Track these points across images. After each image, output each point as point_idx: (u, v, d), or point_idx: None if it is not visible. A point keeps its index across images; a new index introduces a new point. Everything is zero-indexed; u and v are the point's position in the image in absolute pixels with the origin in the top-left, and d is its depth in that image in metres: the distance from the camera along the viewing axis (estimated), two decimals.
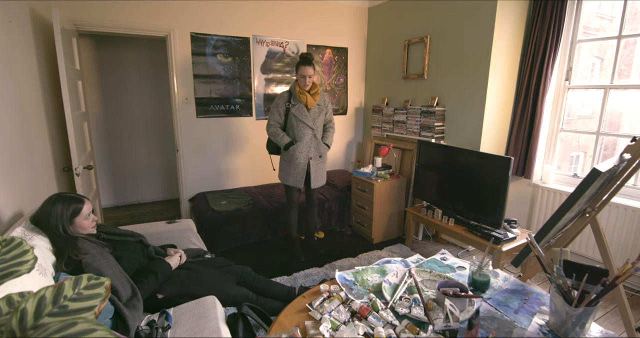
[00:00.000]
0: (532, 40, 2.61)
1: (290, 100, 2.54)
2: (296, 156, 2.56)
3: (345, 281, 1.47)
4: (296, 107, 2.51)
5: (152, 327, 1.37)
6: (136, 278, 1.56)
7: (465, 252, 3.01)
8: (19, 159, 1.73)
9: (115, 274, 1.42)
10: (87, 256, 1.39)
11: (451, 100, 2.98)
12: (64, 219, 1.44)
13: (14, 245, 0.75)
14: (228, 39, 3.33)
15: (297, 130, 2.54)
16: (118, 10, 2.87)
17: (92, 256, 1.40)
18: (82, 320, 0.53)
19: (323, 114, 2.63)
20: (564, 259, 1.16)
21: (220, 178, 3.60)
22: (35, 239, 1.38)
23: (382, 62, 3.83)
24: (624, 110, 2.63)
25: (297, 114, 2.51)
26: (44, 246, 1.39)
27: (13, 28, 1.81)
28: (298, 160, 2.57)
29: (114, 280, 1.39)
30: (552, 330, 1.14)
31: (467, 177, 2.55)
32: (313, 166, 2.62)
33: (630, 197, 2.40)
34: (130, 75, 4.04)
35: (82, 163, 2.39)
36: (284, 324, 1.24)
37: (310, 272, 2.59)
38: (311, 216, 2.91)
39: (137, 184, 4.33)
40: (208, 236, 2.77)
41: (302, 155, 2.57)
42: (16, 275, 0.71)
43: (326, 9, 3.74)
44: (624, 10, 2.35)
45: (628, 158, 1.48)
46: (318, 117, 2.58)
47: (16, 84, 1.79)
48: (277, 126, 2.59)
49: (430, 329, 1.13)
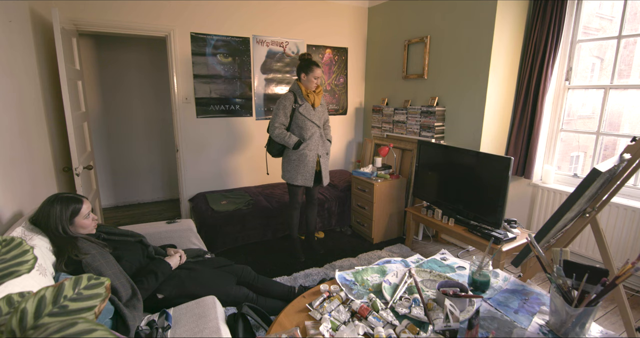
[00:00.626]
0: (532, 40, 2.61)
1: (297, 100, 2.57)
2: (306, 154, 2.58)
3: (345, 281, 1.47)
4: (303, 107, 2.55)
5: (152, 327, 1.37)
6: (136, 278, 1.56)
7: (465, 252, 3.01)
8: (19, 159, 1.73)
9: (116, 274, 1.42)
10: (87, 256, 1.39)
11: (451, 100, 2.98)
12: (64, 220, 1.44)
13: (14, 245, 0.75)
14: (228, 39, 3.33)
15: (305, 129, 2.56)
16: (118, 10, 2.87)
17: (92, 256, 1.40)
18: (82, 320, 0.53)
19: (325, 113, 2.71)
20: (564, 259, 1.16)
21: (220, 178, 3.60)
22: (35, 239, 1.38)
23: (382, 62, 3.83)
24: (624, 110, 2.63)
25: (305, 113, 2.54)
26: (44, 246, 1.39)
27: (13, 28, 1.81)
28: (308, 159, 2.59)
29: (114, 281, 1.39)
30: (552, 330, 1.14)
31: (467, 177, 2.55)
32: (323, 163, 2.68)
33: (630, 197, 2.40)
34: (130, 75, 4.04)
35: (82, 163, 2.39)
36: (284, 324, 1.24)
37: (310, 272, 2.59)
38: (312, 216, 2.92)
39: (137, 184, 4.33)
40: (208, 236, 2.77)
41: (312, 153, 2.60)
42: (16, 275, 0.71)
43: (326, 9, 3.74)
44: (624, 10, 2.35)
45: (628, 158, 1.48)
46: (323, 116, 2.67)
47: (16, 84, 1.79)
48: (282, 128, 2.58)
49: (430, 329, 1.14)
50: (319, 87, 2.62)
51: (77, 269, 1.37)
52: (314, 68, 2.49)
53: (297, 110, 2.55)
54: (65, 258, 1.38)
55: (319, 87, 2.62)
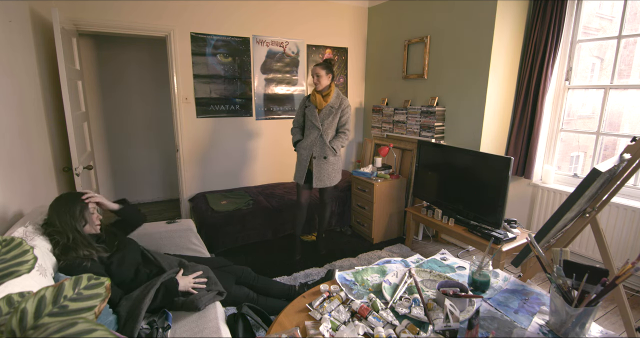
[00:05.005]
0: (532, 40, 2.61)
1: (308, 101, 2.71)
2: (300, 152, 2.71)
3: (345, 281, 1.47)
4: (309, 108, 2.66)
5: (152, 327, 1.36)
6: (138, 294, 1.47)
7: (465, 252, 3.01)
8: (19, 159, 1.73)
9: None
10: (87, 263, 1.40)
11: (451, 100, 2.98)
12: (76, 218, 1.47)
13: (14, 245, 0.75)
14: (228, 39, 3.33)
15: (307, 129, 2.68)
16: (118, 10, 2.87)
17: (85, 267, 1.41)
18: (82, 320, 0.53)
19: (336, 116, 2.63)
20: (564, 259, 1.16)
21: (220, 178, 3.60)
22: (35, 239, 1.38)
23: (382, 62, 3.83)
24: (624, 110, 2.63)
25: (308, 113, 2.66)
26: (44, 246, 1.39)
27: (13, 28, 1.81)
28: (301, 157, 2.70)
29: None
30: (552, 330, 1.14)
31: (467, 177, 2.55)
32: (316, 165, 2.65)
33: (630, 197, 2.40)
34: (130, 75, 4.04)
35: (82, 163, 2.39)
36: (284, 324, 1.24)
37: (310, 272, 2.59)
38: (321, 216, 2.94)
39: (137, 184, 4.33)
40: (208, 236, 2.77)
41: (304, 152, 2.68)
42: (16, 275, 0.71)
43: (326, 9, 3.74)
44: (624, 10, 2.35)
45: (628, 158, 1.48)
46: (327, 119, 2.60)
47: (16, 84, 1.79)
48: (296, 126, 2.79)
49: (430, 329, 1.13)
50: (328, 89, 2.60)
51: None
52: (312, 67, 2.62)
53: (305, 110, 2.69)
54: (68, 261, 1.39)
55: (329, 89, 2.61)
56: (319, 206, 2.94)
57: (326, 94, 2.61)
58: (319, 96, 2.60)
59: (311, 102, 2.64)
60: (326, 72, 2.55)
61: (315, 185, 2.67)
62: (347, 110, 2.66)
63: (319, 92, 2.61)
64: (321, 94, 2.61)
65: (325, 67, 2.55)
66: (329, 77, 2.58)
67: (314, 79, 2.58)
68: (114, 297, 1.42)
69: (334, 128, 2.67)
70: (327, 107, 2.60)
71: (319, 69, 2.55)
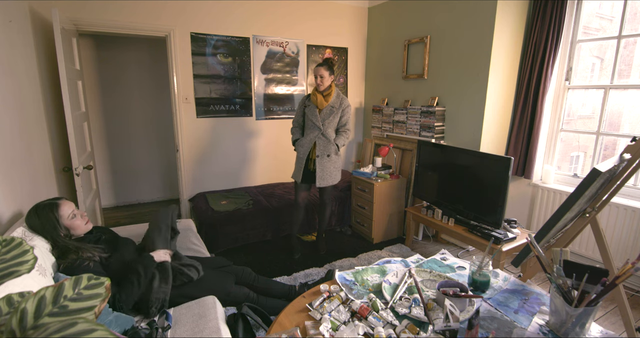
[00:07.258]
0: (532, 40, 2.61)
1: (308, 100, 2.71)
2: (298, 150, 2.72)
3: (345, 281, 1.47)
4: (309, 107, 2.66)
5: (152, 327, 1.36)
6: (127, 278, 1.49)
7: (465, 252, 3.01)
8: (19, 159, 1.73)
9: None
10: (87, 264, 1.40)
11: (451, 100, 2.98)
12: (51, 229, 1.43)
13: (14, 245, 0.75)
14: (228, 39, 3.33)
15: (307, 128, 2.69)
16: (118, 10, 2.87)
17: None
18: (82, 320, 0.53)
19: (336, 116, 2.64)
20: (564, 259, 1.16)
21: (220, 178, 3.60)
22: (35, 239, 1.38)
23: (382, 62, 3.82)
24: (624, 110, 2.63)
25: (308, 113, 2.66)
26: (44, 246, 1.39)
27: (13, 28, 1.81)
28: (300, 155, 2.71)
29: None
30: (552, 330, 1.14)
31: (467, 177, 2.55)
32: (319, 164, 2.66)
33: (630, 197, 2.40)
34: (130, 75, 4.04)
35: (82, 163, 2.39)
36: (284, 324, 1.24)
37: (310, 272, 2.59)
38: (321, 216, 2.94)
39: (137, 184, 4.33)
40: (208, 236, 2.77)
41: (302, 150, 2.69)
42: (16, 275, 0.71)
43: (326, 9, 3.74)
44: (624, 10, 2.35)
45: (628, 158, 1.48)
46: (328, 118, 2.61)
47: (16, 84, 1.79)
48: (296, 125, 2.80)
49: (430, 329, 1.13)
50: (329, 89, 2.61)
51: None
52: (316, 66, 2.60)
53: (305, 110, 2.68)
54: (67, 263, 1.39)
55: (330, 89, 2.62)
56: (319, 206, 2.94)
57: (327, 93, 2.62)
58: (320, 96, 2.60)
59: (311, 102, 2.65)
60: (329, 73, 2.57)
61: (319, 185, 2.68)
62: (348, 109, 2.68)
63: (320, 91, 2.62)
64: (322, 93, 2.62)
65: (328, 68, 2.56)
66: (332, 78, 2.59)
67: (317, 80, 2.58)
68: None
69: (334, 127, 2.68)
70: (328, 106, 2.61)
71: (322, 70, 2.55)
